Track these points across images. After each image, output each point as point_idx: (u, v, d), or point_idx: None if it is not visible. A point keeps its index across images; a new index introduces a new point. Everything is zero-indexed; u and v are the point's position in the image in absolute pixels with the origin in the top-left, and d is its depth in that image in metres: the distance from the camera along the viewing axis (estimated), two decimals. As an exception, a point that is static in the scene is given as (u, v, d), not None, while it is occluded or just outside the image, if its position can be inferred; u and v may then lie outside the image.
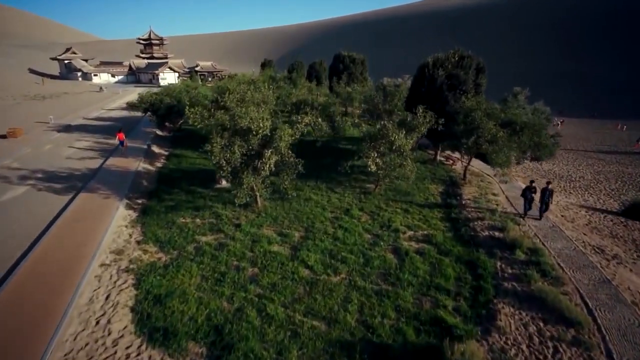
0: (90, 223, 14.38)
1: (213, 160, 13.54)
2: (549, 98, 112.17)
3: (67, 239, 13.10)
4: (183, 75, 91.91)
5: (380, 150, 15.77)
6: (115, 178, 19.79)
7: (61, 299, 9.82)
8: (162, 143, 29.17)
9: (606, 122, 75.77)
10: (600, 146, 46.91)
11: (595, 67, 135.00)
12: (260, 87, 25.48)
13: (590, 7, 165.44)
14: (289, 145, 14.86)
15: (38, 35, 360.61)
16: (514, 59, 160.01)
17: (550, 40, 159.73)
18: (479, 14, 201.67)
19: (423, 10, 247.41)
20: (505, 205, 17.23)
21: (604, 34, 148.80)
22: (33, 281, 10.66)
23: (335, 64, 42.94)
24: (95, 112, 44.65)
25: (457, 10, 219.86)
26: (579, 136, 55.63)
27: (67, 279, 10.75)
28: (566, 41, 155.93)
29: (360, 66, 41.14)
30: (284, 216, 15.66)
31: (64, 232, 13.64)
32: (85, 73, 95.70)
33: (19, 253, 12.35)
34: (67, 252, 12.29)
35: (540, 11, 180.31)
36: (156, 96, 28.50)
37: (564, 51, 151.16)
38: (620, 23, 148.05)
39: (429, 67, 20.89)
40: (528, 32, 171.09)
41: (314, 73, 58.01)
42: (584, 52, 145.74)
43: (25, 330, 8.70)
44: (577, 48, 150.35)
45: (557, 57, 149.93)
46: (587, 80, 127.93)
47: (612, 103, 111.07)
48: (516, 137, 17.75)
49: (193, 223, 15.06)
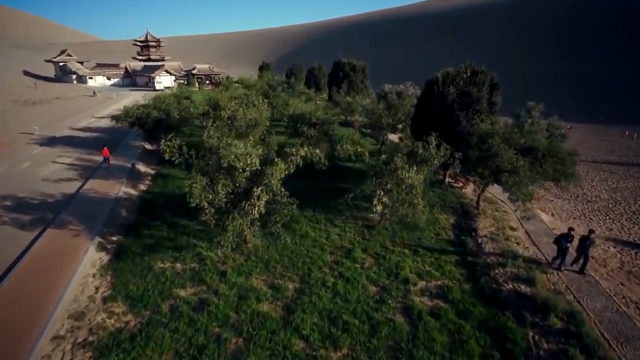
0: (52, 273, 12.34)
1: (192, 202, 11.51)
2: (550, 98, 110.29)
3: (18, 300, 10.99)
4: (180, 78, 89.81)
5: (387, 188, 13.74)
6: (92, 207, 17.75)
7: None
8: (150, 159, 27.12)
9: (611, 127, 73.91)
10: (610, 156, 44.94)
11: (596, 67, 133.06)
12: (254, 101, 23.60)
13: (591, 7, 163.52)
14: (282, 179, 12.88)
15: (38, 36, 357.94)
16: (514, 58, 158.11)
17: (551, 40, 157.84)
18: (480, 14, 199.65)
19: (424, 11, 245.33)
20: (526, 243, 15.25)
21: (605, 34, 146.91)
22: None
23: (335, 71, 40.95)
24: (84, 120, 42.54)
25: (458, 10, 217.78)
26: (587, 144, 53.67)
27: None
28: (567, 41, 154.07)
29: (360, 74, 39.18)
30: (277, 260, 13.65)
31: (17, 290, 11.51)
32: (80, 76, 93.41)
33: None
34: (14, 322, 10.07)
35: (541, 11, 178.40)
36: (143, 109, 26.42)
37: (564, 51, 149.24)
38: (621, 23, 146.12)
39: (439, 83, 18.87)
40: (529, 32, 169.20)
41: (312, 79, 56.04)
42: (584, 52, 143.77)
43: None
44: (578, 48, 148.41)
45: (557, 57, 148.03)
46: (589, 81, 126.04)
47: (613, 102, 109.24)
48: (537, 164, 15.75)
49: (172, 270, 13.04)
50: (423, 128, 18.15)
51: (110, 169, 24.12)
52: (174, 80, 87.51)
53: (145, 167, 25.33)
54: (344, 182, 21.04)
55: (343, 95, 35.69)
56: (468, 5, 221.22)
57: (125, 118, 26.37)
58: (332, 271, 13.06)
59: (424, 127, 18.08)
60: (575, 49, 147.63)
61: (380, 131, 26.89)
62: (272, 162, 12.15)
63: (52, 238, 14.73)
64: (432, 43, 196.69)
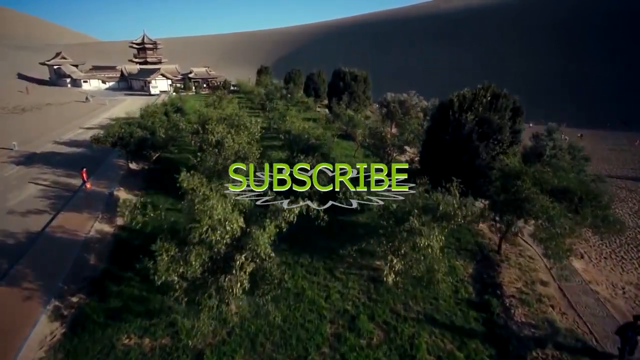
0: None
1: (157, 280, 9.08)
2: (551, 100, 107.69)
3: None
4: (176, 82, 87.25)
5: (401, 253, 11.30)
6: (55, 252, 15.30)
7: None
8: (133, 182, 24.61)
9: (618, 134, 71.46)
10: (624, 170, 42.53)
11: (596, 67, 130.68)
12: (245, 122, 21.19)
13: (592, 8, 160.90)
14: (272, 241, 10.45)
15: (37, 37, 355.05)
16: (514, 59, 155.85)
17: (551, 41, 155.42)
18: (480, 15, 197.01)
19: (424, 12, 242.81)
20: (562, 304, 12.84)
21: (605, 34, 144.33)
22: None
23: (335, 80, 38.43)
24: (70, 132, 40.01)
25: (459, 12, 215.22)
26: (597, 155, 51.21)
27: None
28: (567, 41, 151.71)
29: (362, 84, 36.69)
30: (266, 334, 11.19)
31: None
32: (74, 79, 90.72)
33: None
34: None
35: (542, 12, 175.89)
36: (125, 128, 23.95)
37: (565, 51, 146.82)
38: (621, 23, 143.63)
39: (454, 108, 16.39)
40: (529, 33, 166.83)
41: (312, 85, 53.60)
42: (585, 52, 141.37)
43: None
44: (578, 48, 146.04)
45: (558, 57, 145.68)
46: (589, 81, 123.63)
47: (613, 102, 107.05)
48: (573, 209, 13.32)
49: (139, 348, 10.61)
50: (436, 159, 15.73)
51: (88, 195, 21.71)
52: (170, 85, 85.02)
53: (127, 192, 22.85)
54: (348, 231, 18.45)
55: (344, 107, 33.21)
56: (469, 7, 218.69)
57: (106, 138, 23.89)
58: (333, 351, 10.64)
59: (438, 159, 15.68)
60: (575, 49, 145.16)
61: (385, 151, 24.47)
62: (256, 229, 9.68)
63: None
64: (432, 44, 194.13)
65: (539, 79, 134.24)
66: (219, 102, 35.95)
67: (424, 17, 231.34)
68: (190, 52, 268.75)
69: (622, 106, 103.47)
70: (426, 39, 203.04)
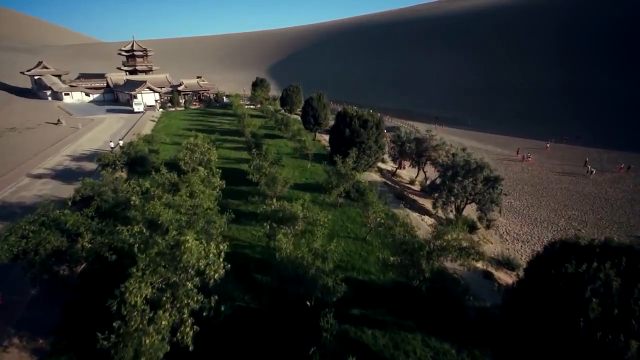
0: None
1: None
2: (549, 112, 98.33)
3: None
4: (165, 95, 78.53)
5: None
6: None
7: None
8: (40, 319, 15.90)
9: (628, 155, 62.35)
10: None
11: (595, 77, 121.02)
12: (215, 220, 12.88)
13: (589, 15, 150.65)
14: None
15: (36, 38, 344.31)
16: (509, 67, 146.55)
17: (548, 48, 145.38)
18: (478, 20, 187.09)
19: (423, 16, 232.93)
20: None
21: (605, 44, 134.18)
22: None
23: (340, 125, 29.10)
24: (11, 183, 31.44)
25: (454, 16, 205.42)
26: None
27: None
28: (564, 49, 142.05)
29: (374, 131, 27.59)
30: None
31: None
32: (55, 92, 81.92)
33: None
34: None
35: (536, 18, 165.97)
36: (32, 236, 15.49)
37: (562, 59, 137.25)
38: (620, 28, 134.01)
39: (570, 279, 7.86)
40: (525, 40, 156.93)
41: (310, 112, 44.95)
42: (582, 58, 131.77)
43: None
44: (574, 56, 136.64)
45: (555, 64, 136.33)
46: (589, 93, 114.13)
47: (612, 111, 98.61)
48: None
49: None
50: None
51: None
52: (156, 100, 76.38)
53: (25, 346, 14.39)
54: None
55: (350, 165, 24.59)
56: (465, 11, 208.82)
57: (2, 253, 15.39)
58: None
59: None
60: (570, 57, 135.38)
61: (419, 280, 15.84)
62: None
63: None
64: (431, 47, 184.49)
65: (535, 88, 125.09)
66: (190, 152, 27.39)
67: (423, 20, 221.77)
68: (188, 54, 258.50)
69: (622, 117, 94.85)
70: (422, 44, 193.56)
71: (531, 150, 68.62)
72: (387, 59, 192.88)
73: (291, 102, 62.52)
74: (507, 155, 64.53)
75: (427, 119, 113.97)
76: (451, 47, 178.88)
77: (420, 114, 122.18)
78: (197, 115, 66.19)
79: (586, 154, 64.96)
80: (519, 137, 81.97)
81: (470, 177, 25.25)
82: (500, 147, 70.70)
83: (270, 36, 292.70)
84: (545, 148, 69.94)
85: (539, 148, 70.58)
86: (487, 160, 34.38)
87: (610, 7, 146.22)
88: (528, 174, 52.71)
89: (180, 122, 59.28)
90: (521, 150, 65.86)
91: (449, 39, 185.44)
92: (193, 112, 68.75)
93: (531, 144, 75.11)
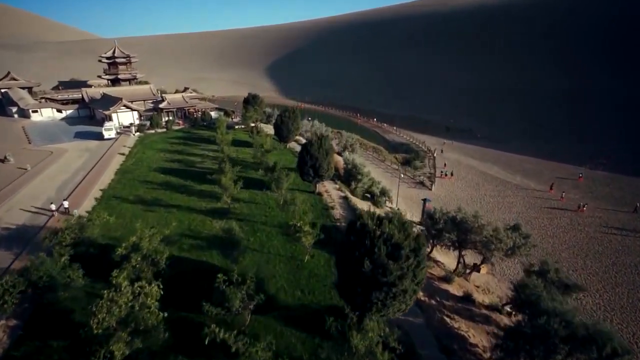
0: None
1: None
2: (544, 117, 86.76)
3: None
4: (145, 112, 67.64)
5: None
6: None
7: None
8: None
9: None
10: None
11: (594, 80, 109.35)
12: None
13: (585, 14, 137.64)
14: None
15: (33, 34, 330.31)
16: (502, 69, 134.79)
17: (545, 52, 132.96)
18: (475, 20, 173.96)
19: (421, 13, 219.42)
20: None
21: (602, 46, 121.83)
22: None
23: (354, 249, 16.81)
24: None
25: (451, 18, 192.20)
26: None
27: None
28: (559, 50, 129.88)
29: (411, 263, 15.94)
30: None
31: None
32: (21, 109, 71.00)
33: None
34: None
35: (532, 19, 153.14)
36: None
37: (557, 61, 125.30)
38: (619, 28, 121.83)
39: None
40: (521, 41, 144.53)
41: (310, 161, 34.18)
42: (579, 59, 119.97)
43: None
44: (573, 54, 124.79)
45: (550, 66, 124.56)
46: (588, 96, 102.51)
47: (611, 112, 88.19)
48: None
49: None
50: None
51: None
52: (136, 119, 65.55)
53: None
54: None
55: (375, 328, 14.26)
56: (461, 10, 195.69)
57: None
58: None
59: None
60: (569, 58, 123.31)
61: None
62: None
63: None
64: (431, 47, 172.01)
65: (533, 92, 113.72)
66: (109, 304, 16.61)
67: (421, 20, 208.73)
68: (185, 53, 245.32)
69: (620, 120, 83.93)
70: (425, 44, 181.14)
71: (563, 181, 58.06)
72: (379, 59, 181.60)
73: (287, 131, 51.74)
74: (541, 192, 53.81)
75: (436, 129, 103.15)
76: (450, 47, 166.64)
77: (427, 122, 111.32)
78: (178, 141, 55.31)
79: (631, 188, 54.47)
80: (545, 158, 71.27)
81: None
82: (529, 178, 59.80)
83: (267, 34, 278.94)
84: (578, 178, 59.12)
85: (572, 177, 59.87)
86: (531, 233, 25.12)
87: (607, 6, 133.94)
88: (583, 234, 41.22)
89: (156, 155, 48.62)
90: (555, 185, 55.18)
91: (449, 39, 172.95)
92: (174, 137, 57.90)
93: (561, 169, 64.38)
